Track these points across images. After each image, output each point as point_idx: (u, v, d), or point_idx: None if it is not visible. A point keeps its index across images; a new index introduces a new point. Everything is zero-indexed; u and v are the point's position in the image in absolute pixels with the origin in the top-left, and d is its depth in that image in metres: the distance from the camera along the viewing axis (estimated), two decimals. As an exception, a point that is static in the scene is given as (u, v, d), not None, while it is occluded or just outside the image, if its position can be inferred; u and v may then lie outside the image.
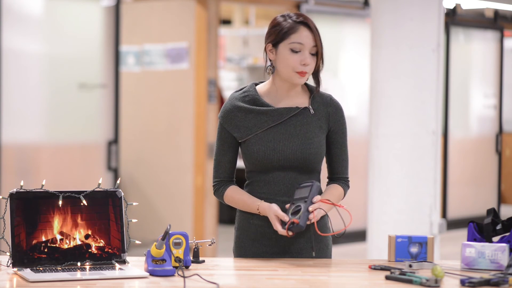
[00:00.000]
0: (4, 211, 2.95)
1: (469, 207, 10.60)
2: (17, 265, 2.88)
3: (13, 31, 6.68)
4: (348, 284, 2.84)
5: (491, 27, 10.92)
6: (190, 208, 8.31)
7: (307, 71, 3.16)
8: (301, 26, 3.17)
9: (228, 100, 3.27)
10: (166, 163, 8.57)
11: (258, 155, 3.19)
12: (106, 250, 2.98)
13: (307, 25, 3.17)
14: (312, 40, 3.17)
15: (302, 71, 3.16)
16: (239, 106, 3.22)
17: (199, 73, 8.25)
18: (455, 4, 10.06)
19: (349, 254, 8.16)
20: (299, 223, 3.02)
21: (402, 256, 3.14)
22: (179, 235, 2.95)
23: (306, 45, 3.15)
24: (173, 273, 2.83)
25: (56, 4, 6.99)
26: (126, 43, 8.42)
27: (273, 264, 3.08)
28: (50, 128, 7.01)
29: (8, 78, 6.65)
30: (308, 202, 3.07)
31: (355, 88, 9.50)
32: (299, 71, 3.16)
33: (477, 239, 3.10)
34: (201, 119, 8.23)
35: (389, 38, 5.69)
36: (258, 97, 3.23)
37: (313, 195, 3.09)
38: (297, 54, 3.15)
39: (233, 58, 11.74)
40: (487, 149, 10.91)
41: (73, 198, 2.97)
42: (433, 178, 5.73)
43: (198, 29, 8.25)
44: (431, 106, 5.72)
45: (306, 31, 3.16)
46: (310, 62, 3.15)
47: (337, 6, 9.40)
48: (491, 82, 10.95)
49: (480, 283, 2.70)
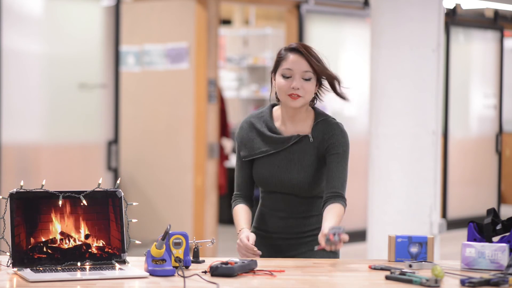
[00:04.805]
0: (4, 211, 2.95)
1: (469, 207, 10.60)
2: (17, 265, 2.88)
3: (13, 31, 6.68)
4: (348, 284, 2.84)
5: (491, 27, 10.92)
6: (190, 208, 8.31)
7: (299, 94, 3.31)
8: (291, 53, 3.35)
9: (246, 117, 3.50)
10: (166, 163, 8.57)
11: (259, 178, 3.41)
12: (106, 250, 2.98)
13: (297, 51, 3.34)
14: (304, 65, 3.33)
15: (292, 93, 3.31)
16: (253, 124, 3.44)
17: (199, 73, 8.25)
18: (455, 4, 10.06)
19: (349, 254, 8.15)
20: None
21: (402, 256, 3.14)
22: (179, 235, 2.95)
23: (296, 70, 3.32)
24: (173, 273, 2.83)
25: (56, 4, 6.99)
26: (126, 43, 8.42)
27: (273, 264, 3.08)
28: (50, 128, 7.01)
29: (8, 78, 6.65)
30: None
31: (355, 88, 9.49)
32: (289, 94, 3.31)
33: (477, 239, 3.11)
34: (201, 119, 8.23)
35: (389, 38, 5.69)
36: (270, 119, 3.43)
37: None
38: (288, 79, 3.33)
39: (233, 58, 11.74)
40: (487, 149, 10.91)
41: (73, 198, 2.97)
42: (433, 178, 5.73)
43: (198, 29, 8.25)
44: (431, 106, 5.72)
45: (296, 56, 3.34)
46: (299, 85, 3.30)
47: (337, 6, 9.40)
48: (491, 82, 10.95)
49: (480, 283, 2.70)
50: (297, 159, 3.35)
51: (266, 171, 3.38)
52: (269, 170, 3.38)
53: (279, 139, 3.38)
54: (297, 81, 3.30)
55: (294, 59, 3.32)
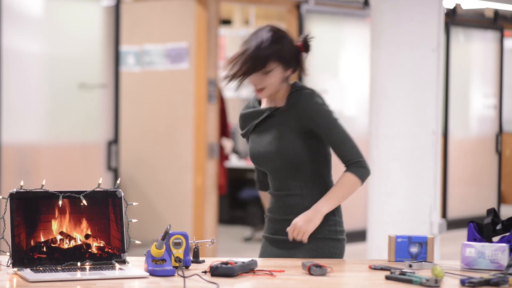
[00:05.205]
0: (4, 211, 2.95)
1: (469, 207, 10.60)
2: (17, 265, 2.88)
3: (13, 31, 6.68)
4: (348, 284, 2.84)
5: (491, 27, 10.92)
6: (190, 208, 8.31)
7: (261, 88, 3.34)
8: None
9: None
10: (166, 163, 8.57)
11: (250, 157, 3.49)
12: (106, 250, 2.98)
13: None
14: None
15: (256, 90, 3.37)
16: (244, 110, 3.53)
17: (199, 73, 8.25)
18: (455, 4, 10.05)
19: (349, 254, 8.15)
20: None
21: (402, 256, 3.14)
22: (179, 235, 2.95)
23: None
24: (173, 273, 2.83)
25: (56, 4, 6.99)
26: (126, 43, 8.42)
27: (273, 264, 3.08)
28: (50, 128, 7.01)
29: (8, 78, 6.65)
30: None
31: (355, 88, 9.50)
32: (255, 91, 3.39)
33: (477, 239, 3.10)
34: (201, 119, 8.23)
35: (389, 38, 5.68)
36: (255, 101, 3.50)
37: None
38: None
39: (233, 58, 11.72)
40: (487, 149, 10.91)
41: (73, 198, 2.97)
42: (433, 178, 5.72)
43: (198, 29, 8.24)
44: (431, 106, 5.71)
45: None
46: (256, 82, 3.34)
47: (337, 6, 9.40)
48: (491, 82, 10.95)
49: (480, 283, 2.70)
50: (271, 130, 3.38)
51: (251, 149, 3.45)
52: (252, 146, 3.45)
53: (254, 112, 3.45)
54: (253, 79, 3.34)
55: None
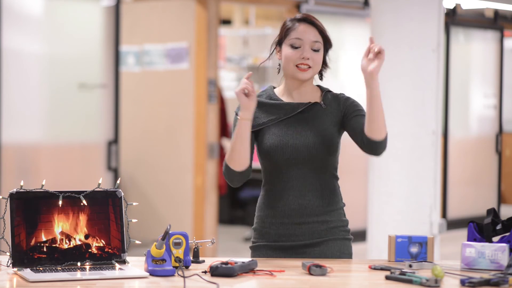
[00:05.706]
0: (4, 211, 2.95)
1: (469, 207, 10.59)
2: (17, 265, 2.88)
3: (13, 31, 6.68)
4: (348, 284, 2.84)
5: (491, 27, 10.92)
6: (190, 208, 8.31)
7: (308, 64, 3.20)
8: (301, 23, 3.23)
9: None
10: (166, 163, 8.57)
11: (269, 148, 3.21)
12: (106, 250, 2.98)
13: (307, 21, 3.23)
14: (313, 35, 3.22)
15: (302, 63, 3.19)
16: (261, 102, 3.25)
17: (199, 73, 8.25)
18: (455, 4, 10.05)
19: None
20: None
21: (402, 256, 3.13)
22: (179, 235, 2.95)
23: (306, 40, 3.20)
24: (173, 273, 2.83)
25: (56, 4, 6.99)
26: (126, 43, 8.42)
27: (273, 264, 3.07)
28: (50, 128, 7.00)
29: (8, 78, 6.65)
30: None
31: (355, 88, 9.49)
32: (298, 64, 3.20)
33: (477, 239, 3.10)
34: (201, 119, 8.23)
35: (389, 38, 5.69)
36: (273, 94, 3.30)
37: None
38: (297, 50, 3.21)
39: (233, 58, 11.73)
40: (487, 149, 10.90)
41: (73, 198, 2.97)
42: (433, 178, 5.72)
43: (198, 29, 8.24)
44: (431, 106, 5.71)
45: (305, 26, 3.22)
46: (309, 56, 3.19)
47: (337, 6, 9.40)
48: (491, 82, 10.94)
49: (480, 283, 2.70)
50: (312, 125, 3.21)
51: (278, 140, 3.20)
52: (281, 138, 3.20)
53: (289, 104, 3.24)
54: (307, 51, 3.19)
55: (304, 29, 3.20)
